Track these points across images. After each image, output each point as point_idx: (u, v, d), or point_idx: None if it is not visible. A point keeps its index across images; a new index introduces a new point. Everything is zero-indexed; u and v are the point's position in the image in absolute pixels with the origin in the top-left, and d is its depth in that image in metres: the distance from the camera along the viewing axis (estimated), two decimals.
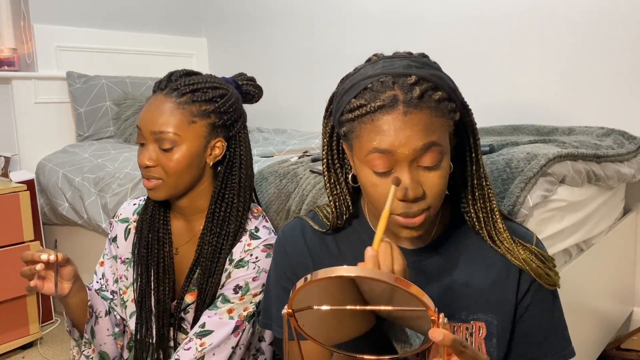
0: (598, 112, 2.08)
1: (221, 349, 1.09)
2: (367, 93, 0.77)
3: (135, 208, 1.24)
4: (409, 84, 0.76)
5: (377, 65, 0.80)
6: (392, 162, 0.77)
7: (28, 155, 2.53)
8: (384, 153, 0.76)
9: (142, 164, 1.09)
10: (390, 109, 0.75)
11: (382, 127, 0.75)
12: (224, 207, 1.13)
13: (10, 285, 2.02)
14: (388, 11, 2.62)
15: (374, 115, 0.76)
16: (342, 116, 0.80)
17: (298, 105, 3.01)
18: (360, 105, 0.77)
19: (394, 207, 0.78)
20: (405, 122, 0.75)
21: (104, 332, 1.17)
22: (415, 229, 0.81)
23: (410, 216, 0.79)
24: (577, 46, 2.11)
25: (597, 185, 1.56)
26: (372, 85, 0.77)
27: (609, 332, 1.82)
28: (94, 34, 2.82)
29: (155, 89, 1.13)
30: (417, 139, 0.75)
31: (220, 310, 1.11)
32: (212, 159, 1.13)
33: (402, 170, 0.77)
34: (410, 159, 0.76)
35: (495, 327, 0.86)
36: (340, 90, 0.83)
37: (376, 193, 0.79)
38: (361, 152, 0.78)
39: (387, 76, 0.77)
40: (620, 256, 1.90)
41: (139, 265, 1.18)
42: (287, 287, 0.94)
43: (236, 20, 3.23)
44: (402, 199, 0.77)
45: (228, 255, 1.12)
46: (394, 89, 0.76)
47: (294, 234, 0.97)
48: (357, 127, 0.78)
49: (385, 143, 0.75)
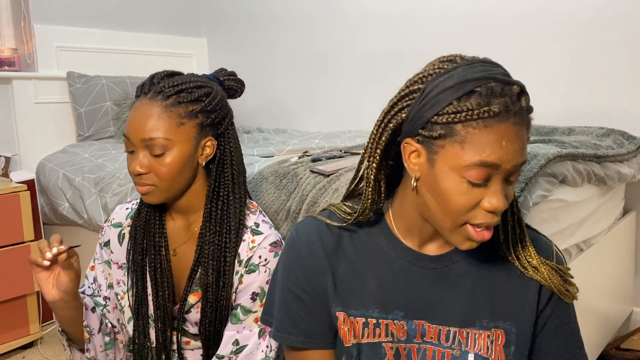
0: (598, 112, 2.08)
1: (254, 355, 1.10)
2: (474, 96, 0.73)
3: (128, 212, 1.23)
4: (516, 93, 0.74)
5: (476, 69, 0.76)
6: (491, 174, 0.75)
7: (28, 155, 2.53)
8: (489, 167, 0.74)
9: (133, 172, 1.07)
10: (503, 119, 0.73)
11: (493, 136, 0.73)
12: (220, 204, 1.12)
13: (10, 285, 2.02)
14: (388, 11, 2.62)
15: (486, 121, 0.73)
16: (439, 116, 0.75)
17: (298, 105, 3.01)
18: (469, 109, 0.73)
19: (474, 215, 0.77)
20: (515, 134, 0.73)
21: (97, 348, 1.16)
22: (477, 242, 0.80)
23: (485, 228, 0.78)
24: (577, 46, 2.11)
25: (597, 185, 1.57)
26: (481, 89, 0.74)
27: (608, 332, 1.82)
28: (94, 34, 2.83)
29: (139, 94, 1.10)
30: (519, 155, 0.74)
31: (246, 322, 1.11)
32: (204, 159, 1.12)
33: (497, 183, 0.75)
34: (507, 174, 0.76)
35: (514, 334, 0.86)
36: (431, 88, 0.78)
37: (460, 202, 0.76)
38: (459, 159, 0.75)
39: (495, 82, 0.74)
40: (620, 256, 1.90)
41: (134, 273, 1.17)
42: (295, 291, 0.93)
43: (236, 20, 3.23)
44: (492, 210, 0.76)
45: (235, 255, 1.11)
46: (504, 97, 0.73)
47: (310, 236, 0.93)
48: (462, 131, 0.74)
49: (494, 157, 0.73)
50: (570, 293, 0.87)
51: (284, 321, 0.94)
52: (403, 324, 0.87)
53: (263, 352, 1.11)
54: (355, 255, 0.92)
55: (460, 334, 0.86)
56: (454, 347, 0.86)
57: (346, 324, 0.89)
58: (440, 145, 0.76)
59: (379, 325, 0.88)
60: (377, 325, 0.88)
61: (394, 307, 0.88)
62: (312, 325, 0.92)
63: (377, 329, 0.88)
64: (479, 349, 0.86)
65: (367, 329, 0.88)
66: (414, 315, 0.87)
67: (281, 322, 0.94)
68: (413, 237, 0.89)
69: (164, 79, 1.10)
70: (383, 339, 0.88)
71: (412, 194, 0.84)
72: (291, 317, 0.93)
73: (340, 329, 0.89)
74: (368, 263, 0.90)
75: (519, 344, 0.86)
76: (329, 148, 1.98)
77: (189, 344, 1.20)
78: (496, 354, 0.85)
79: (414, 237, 0.89)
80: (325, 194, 1.32)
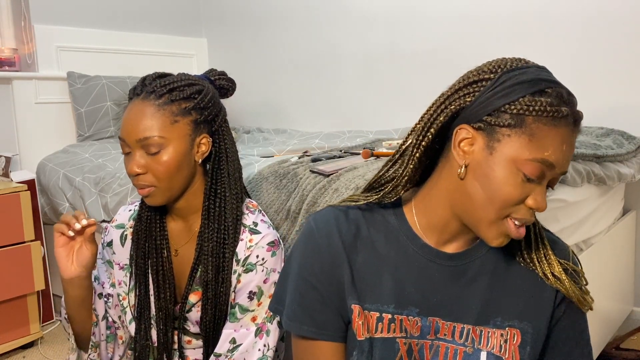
0: (598, 112, 2.08)
1: (250, 353, 1.10)
2: (545, 96, 0.78)
3: (131, 214, 1.23)
4: (576, 104, 0.79)
5: (546, 72, 0.82)
6: (545, 173, 0.78)
7: (29, 155, 2.53)
8: (546, 166, 0.78)
9: (131, 173, 1.08)
10: (569, 124, 0.78)
11: (559, 138, 0.77)
12: (218, 202, 1.13)
13: (10, 285, 2.02)
14: (388, 11, 2.62)
15: (556, 121, 0.77)
16: (512, 105, 0.78)
17: (298, 105, 3.01)
18: (543, 105, 0.77)
19: (518, 209, 0.79)
20: (572, 142, 0.79)
21: (101, 336, 1.18)
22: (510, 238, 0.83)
23: (522, 226, 0.81)
24: (577, 46, 2.11)
25: (597, 185, 1.57)
26: (552, 92, 0.78)
27: (608, 332, 1.82)
28: (94, 34, 2.83)
29: (131, 96, 1.12)
30: (569, 164, 0.81)
31: (243, 321, 1.11)
32: (200, 156, 1.13)
33: (541, 184, 0.79)
34: (555, 179, 0.80)
35: (530, 335, 0.86)
36: (505, 78, 0.81)
37: (511, 193, 0.78)
38: (522, 151, 0.77)
39: (562, 89, 0.80)
40: (619, 256, 1.90)
41: (137, 275, 1.17)
42: (311, 281, 0.91)
43: (236, 20, 3.23)
44: (535, 208, 0.79)
45: (234, 253, 1.12)
46: (569, 105, 0.78)
47: (329, 226, 0.92)
48: (532, 124, 0.77)
49: (554, 157, 0.77)
50: (587, 302, 0.89)
51: (297, 310, 0.93)
52: (417, 320, 0.88)
53: (260, 350, 1.11)
54: (374, 248, 0.91)
55: (473, 331, 0.87)
56: (467, 344, 0.86)
57: (360, 317, 0.89)
58: (507, 134, 0.78)
59: (394, 320, 0.88)
60: (392, 321, 0.88)
61: (409, 304, 0.88)
62: (326, 316, 0.91)
63: (392, 324, 0.88)
64: (492, 348, 0.86)
65: (381, 323, 0.88)
66: (429, 312, 0.88)
67: (294, 311, 0.93)
68: (433, 234, 0.89)
69: (155, 79, 1.11)
70: (397, 335, 0.88)
71: (447, 185, 0.85)
72: (305, 307, 0.92)
73: (354, 322, 0.89)
74: (386, 257, 0.90)
75: (534, 345, 0.87)
76: (329, 148, 1.99)
77: (191, 342, 1.20)
78: (510, 353, 0.86)
79: (434, 234, 0.89)
80: (325, 194, 1.32)
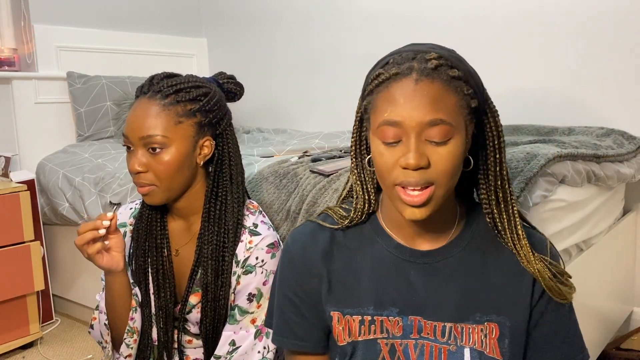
0: (598, 112, 2.08)
1: (249, 356, 1.11)
2: (387, 65, 0.80)
3: (132, 212, 1.24)
4: (427, 58, 0.78)
5: (406, 46, 0.83)
6: (400, 133, 0.77)
7: (28, 155, 2.53)
8: (392, 125, 0.77)
9: (132, 170, 1.09)
10: (404, 77, 0.77)
11: (393, 94, 0.77)
12: (219, 204, 1.13)
13: (10, 285, 2.02)
14: (388, 11, 2.62)
15: (389, 82, 0.78)
16: (365, 91, 0.82)
17: (298, 105, 3.01)
18: (378, 75, 0.79)
19: (396, 175, 0.78)
20: (416, 90, 0.76)
21: (139, 322, 1.17)
22: (418, 208, 0.79)
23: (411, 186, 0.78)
24: (577, 46, 2.11)
25: (597, 185, 1.57)
26: (394, 59, 0.80)
27: (608, 332, 1.82)
28: (94, 34, 2.83)
29: (138, 94, 1.12)
30: (425, 112, 0.76)
31: (243, 322, 1.12)
32: (202, 159, 1.13)
33: (408, 141, 0.77)
34: (417, 131, 0.76)
35: (508, 328, 0.86)
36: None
37: (382, 162, 0.80)
38: (374, 124, 0.80)
39: (410, 52, 0.80)
40: (620, 256, 1.90)
41: (137, 274, 1.17)
42: (288, 294, 0.94)
43: (236, 20, 3.23)
44: (405, 166, 0.77)
45: (233, 255, 1.12)
46: (412, 61, 0.78)
47: (304, 240, 0.95)
48: (375, 98, 0.80)
49: (395, 114, 0.76)
50: (561, 292, 0.86)
51: (279, 325, 0.96)
52: (398, 320, 0.88)
53: (260, 352, 1.11)
54: (350, 254, 0.92)
55: (455, 329, 0.87)
56: (450, 342, 0.87)
57: (341, 323, 0.90)
58: (369, 117, 0.82)
59: (374, 322, 0.88)
60: (372, 322, 0.88)
61: (388, 304, 0.88)
62: (305, 329, 0.93)
63: (372, 326, 0.88)
64: (474, 344, 0.86)
65: (362, 326, 0.89)
66: (409, 311, 0.88)
67: (277, 325, 0.96)
68: (400, 231, 0.90)
69: (163, 79, 1.12)
70: (378, 336, 0.88)
71: None
72: (285, 321, 0.95)
73: (335, 328, 0.90)
74: (362, 261, 0.91)
75: (513, 337, 0.86)
76: (329, 148, 1.99)
77: (191, 342, 1.20)
78: (490, 347, 0.86)
79: (400, 230, 0.90)
80: (325, 194, 1.32)
